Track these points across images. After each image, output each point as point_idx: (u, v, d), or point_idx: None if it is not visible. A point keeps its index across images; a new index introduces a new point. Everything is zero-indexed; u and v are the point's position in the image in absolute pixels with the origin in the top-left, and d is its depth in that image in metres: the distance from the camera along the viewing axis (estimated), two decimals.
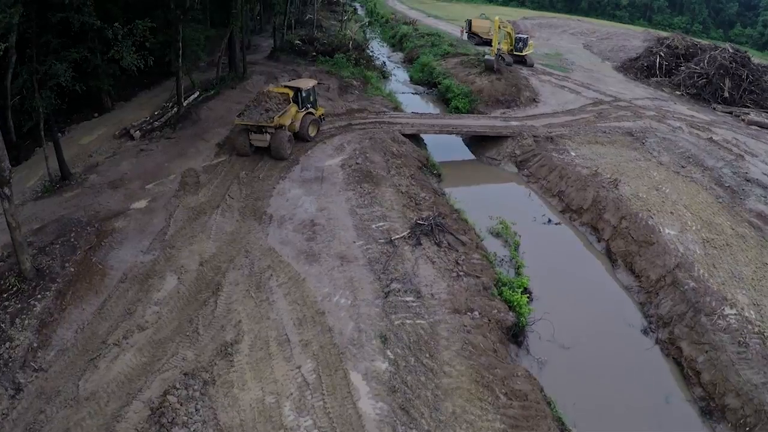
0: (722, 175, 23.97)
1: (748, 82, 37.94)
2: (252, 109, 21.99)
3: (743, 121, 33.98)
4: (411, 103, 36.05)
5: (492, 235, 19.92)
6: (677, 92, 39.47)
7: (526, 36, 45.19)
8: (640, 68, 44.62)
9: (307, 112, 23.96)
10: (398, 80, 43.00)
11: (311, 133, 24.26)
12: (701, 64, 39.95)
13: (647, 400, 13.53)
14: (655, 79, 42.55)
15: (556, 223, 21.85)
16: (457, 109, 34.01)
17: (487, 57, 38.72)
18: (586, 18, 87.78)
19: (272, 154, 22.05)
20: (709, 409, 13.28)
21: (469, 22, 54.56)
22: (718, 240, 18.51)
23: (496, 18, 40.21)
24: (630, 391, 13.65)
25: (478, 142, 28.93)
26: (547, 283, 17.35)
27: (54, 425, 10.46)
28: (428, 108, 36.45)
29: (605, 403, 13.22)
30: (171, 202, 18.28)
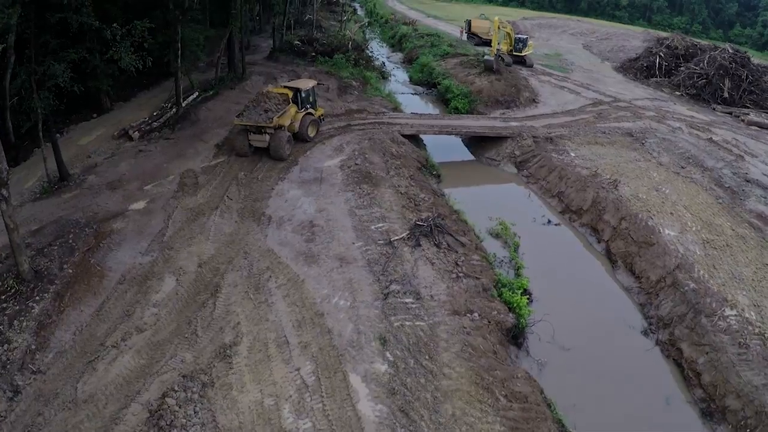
0: (722, 175, 23.93)
1: (747, 83, 37.91)
2: (251, 109, 21.97)
3: (743, 121, 33.95)
4: (410, 103, 36.00)
5: (491, 236, 19.87)
6: (677, 93, 39.43)
7: (525, 36, 45.13)
8: (639, 69, 44.57)
9: (307, 113, 23.92)
10: (398, 81, 42.93)
11: (311, 133, 24.22)
12: (701, 65, 39.92)
13: (647, 401, 13.50)
14: (655, 79, 42.51)
15: (555, 224, 21.80)
16: (456, 109, 33.97)
17: (486, 57, 38.72)
18: (585, 18, 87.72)
19: (271, 155, 22.01)
20: (710, 410, 13.26)
21: (469, 23, 54.57)
22: (719, 241, 18.48)
23: (496, 18, 40.19)
24: (630, 392, 13.62)
25: (478, 142, 28.89)
26: (547, 284, 17.30)
27: (52, 428, 10.43)
28: (428, 108, 36.41)
29: (605, 404, 13.20)
30: (169, 203, 18.24)
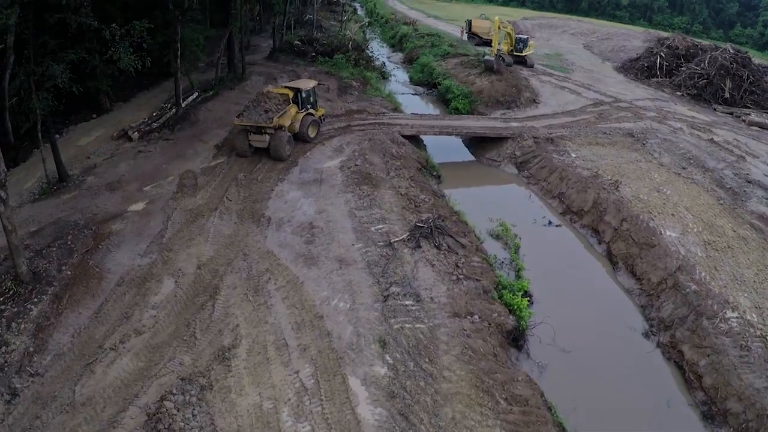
0: (723, 176, 23.85)
1: (748, 83, 37.79)
2: (251, 109, 21.93)
3: (744, 121, 33.85)
4: (411, 103, 35.91)
5: (492, 237, 19.79)
6: (678, 93, 39.32)
7: (526, 36, 45.02)
8: (640, 69, 44.45)
9: (307, 113, 23.87)
10: (398, 81, 42.85)
11: (311, 134, 24.16)
12: (702, 65, 39.82)
13: (648, 404, 13.43)
14: (656, 79, 42.40)
15: (556, 225, 21.73)
16: (456, 110, 33.90)
17: (487, 57, 38.66)
18: (586, 18, 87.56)
19: (271, 155, 21.96)
20: (711, 413, 13.19)
21: (469, 23, 54.46)
22: (720, 242, 18.41)
23: (496, 18, 40.10)
24: (631, 395, 13.56)
25: (478, 143, 28.81)
26: (548, 285, 17.23)
27: (50, 431, 10.37)
28: (428, 109, 36.35)
29: (606, 407, 13.12)
30: (169, 205, 18.18)
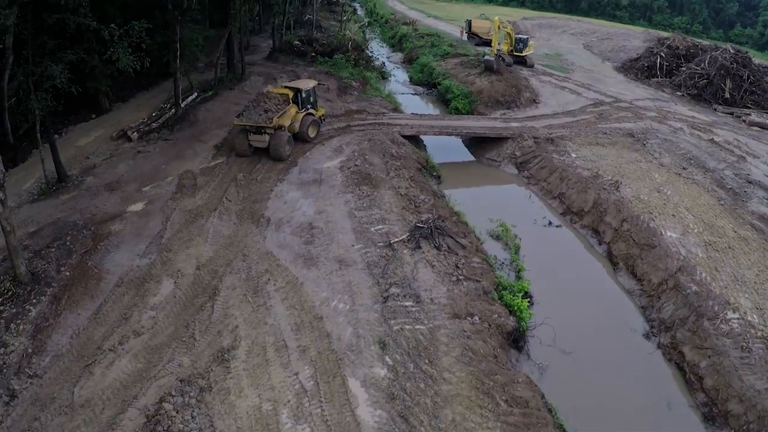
0: (724, 176, 23.80)
1: (749, 83, 37.73)
2: (251, 109, 21.90)
3: (744, 122, 33.80)
4: (410, 104, 35.87)
5: (492, 237, 19.74)
6: (678, 93, 39.26)
7: (526, 36, 44.97)
8: (640, 69, 44.40)
9: (307, 113, 23.83)
10: (398, 81, 42.79)
11: (311, 134, 24.12)
12: (702, 65, 39.76)
13: (649, 405, 13.38)
14: (656, 79, 42.34)
15: (556, 226, 21.67)
16: (456, 110, 33.87)
17: (486, 57, 38.62)
18: (586, 18, 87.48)
19: (271, 155, 21.92)
20: (712, 415, 13.15)
21: (469, 23, 54.42)
22: (721, 243, 18.36)
23: (496, 18, 40.09)
24: (632, 396, 13.51)
25: (478, 143, 28.77)
26: (548, 286, 17.18)
27: None
28: (428, 109, 36.31)
29: (607, 409, 13.08)
30: (168, 205, 18.13)
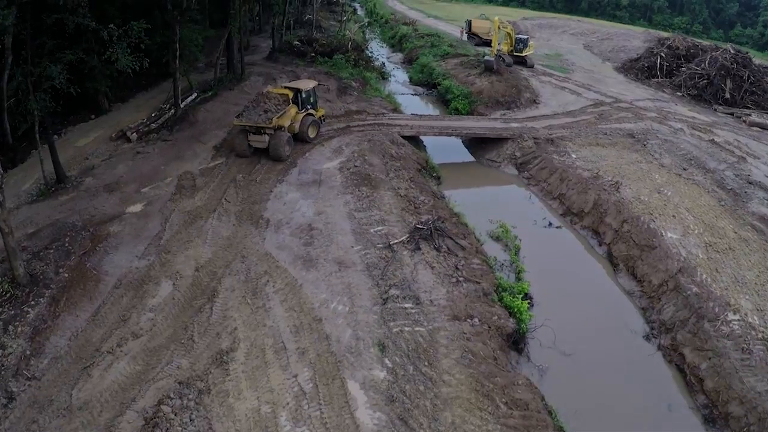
0: (724, 177, 23.74)
1: (749, 83, 37.68)
2: (251, 110, 21.88)
3: (744, 122, 33.75)
4: (410, 104, 35.82)
5: (492, 239, 19.69)
6: (678, 93, 39.21)
7: (526, 37, 44.93)
8: (640, 69, 44.34)
9: (307, 113, 23.79)
10: (397, 81, 42.74)
11: (311, 134, 24.08)
12: (702, 65, 39.71)
13: (650, 407, 13.33)
14: (656, 79, 42.29)
15: (556, 227, 21.62)
16: (456, 110, 33.83)
17: (487, 58, 38.58)
18: (586, 18, 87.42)
19: (271, 155, 21.88)
20: (713, 417, 13.09)
21: (469, 23, 54.38)
22: (721, 244, 18.30)
23: (496, 18, 40.05)
24: (632, 398, 13.46)
25: (478, 143, 28.72)
26: (548, 287, 17.13)
27: None
28: (428, 109, 36.27)
29: (607, 411, 13.03)
30: (167, 206, 18.09)
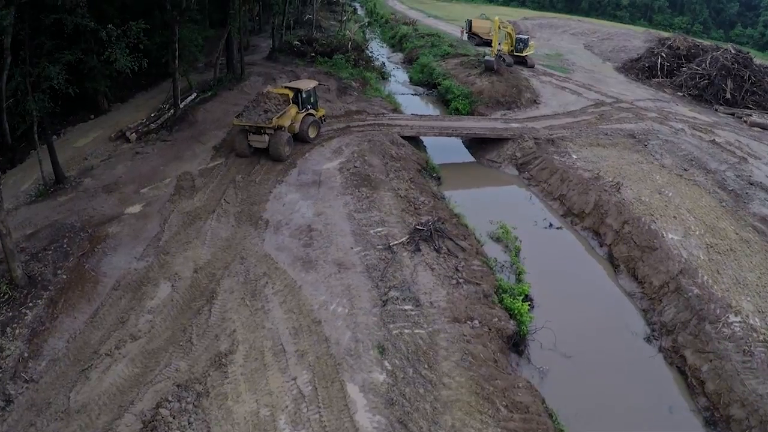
0: (725, 178, 23.67)
1: (750, 83, 37.60)
2: (251, 109, 21.83)
3: (745, 122, 33.68)
4: (410, 104, 35.75)
5: (492, 240, 19.62)
6: (679, 93, 39.13)
7: (526, 36, 44.86)
8: (641, 69, 44.26)
9: (307, 113, 23.72)
10: (398, 81, 42.67)
11: (311, 134, 24.01)
12: (703, 65, 39.63)
13: (650, 410, 13.27)
14: (657, 80, 42.21)
15: (557, 228, 21.54)
16: (457, 110, 33.76)
17: (487, 58, 38.50)
18: (586, 18, 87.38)
19: (271, 155, 21.82)
20: (714, 419, 13.04)
21: (469, 23, 54.33)
22: (722, 245, 18.23)
23: (496, 18, 39.98)
24: (633, 401, 13.39)
25: (478, 144, 28.65)
26: (549, 289, 17.06)
27: None
28: (428, 109, 36.19)
29: (608, 413, 12.97)
30: (166, 207, 18.02)
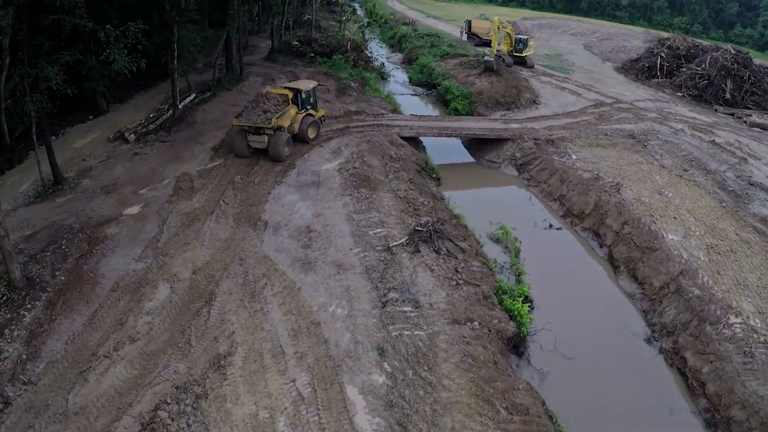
0: (725, 178, 23.64)
1: (749, 84, 37.56)
2: (250, 110, 21.82)
3: (745, 123, 33.65)
4: (410, 104, 35.70)
5: (492, 240, 19.58)
6: (678, 94, 39.11)
7: (526, 37, 44.83)
8: (641, 69, 44.24)
9: (307, 114, 23.68)
10: (397, 81, 42.62)
11: (311, 134, 23.97)
12: (703, 65, 39.60)
13: (651, 411, 13.23)
14: (656, 80, 42.20)
15: (557, 228, 21.49)
16: (456, 110, 33.71)
17: (486, 58, 38.47)
18: (586, 18, 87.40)
19: (270, 156, 21.78)
20: (714, 421, 12.99)
21: (469, 23, 54.32)
22: (722, 246, 18.20)
23: (496, 18, 39.96)
24: (633, 402, 13.35)
25: (478, 144, 28.61)
26: (549, 290, 17.01)
27: None
28: (427, 110, 36.14)
29: (608, 414, 12.93)
30: (164, 208, 17.98)
